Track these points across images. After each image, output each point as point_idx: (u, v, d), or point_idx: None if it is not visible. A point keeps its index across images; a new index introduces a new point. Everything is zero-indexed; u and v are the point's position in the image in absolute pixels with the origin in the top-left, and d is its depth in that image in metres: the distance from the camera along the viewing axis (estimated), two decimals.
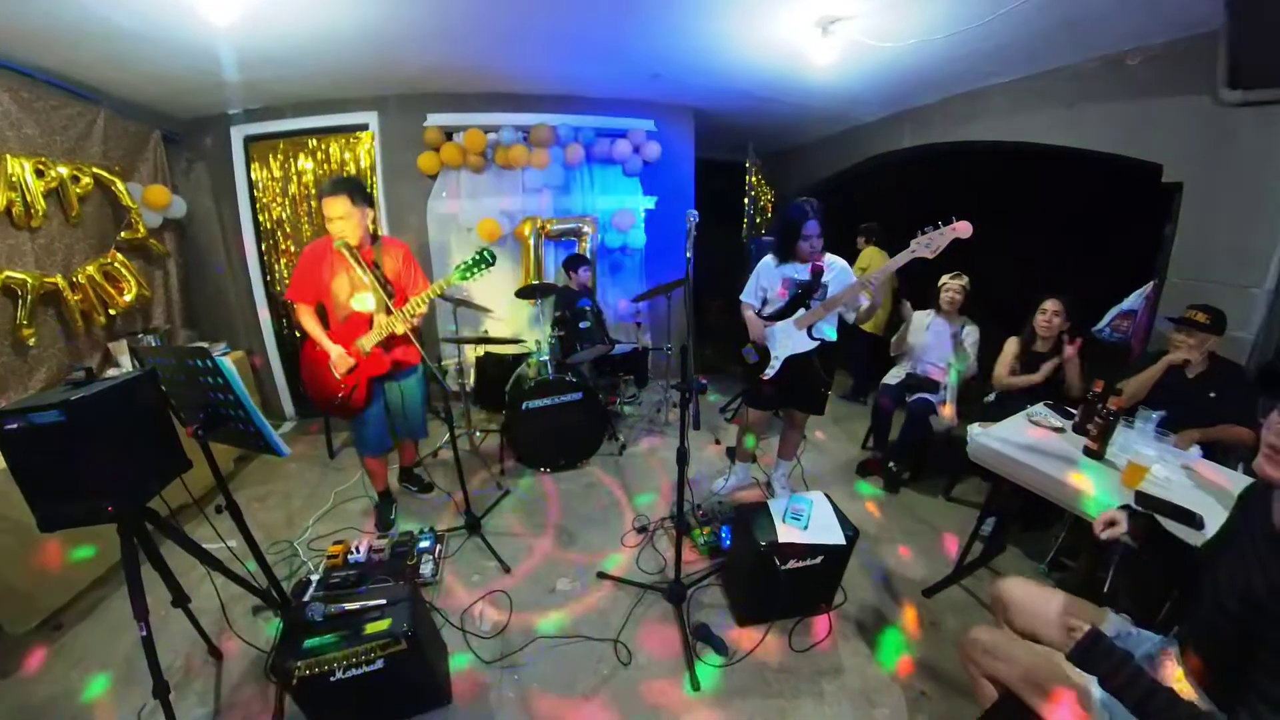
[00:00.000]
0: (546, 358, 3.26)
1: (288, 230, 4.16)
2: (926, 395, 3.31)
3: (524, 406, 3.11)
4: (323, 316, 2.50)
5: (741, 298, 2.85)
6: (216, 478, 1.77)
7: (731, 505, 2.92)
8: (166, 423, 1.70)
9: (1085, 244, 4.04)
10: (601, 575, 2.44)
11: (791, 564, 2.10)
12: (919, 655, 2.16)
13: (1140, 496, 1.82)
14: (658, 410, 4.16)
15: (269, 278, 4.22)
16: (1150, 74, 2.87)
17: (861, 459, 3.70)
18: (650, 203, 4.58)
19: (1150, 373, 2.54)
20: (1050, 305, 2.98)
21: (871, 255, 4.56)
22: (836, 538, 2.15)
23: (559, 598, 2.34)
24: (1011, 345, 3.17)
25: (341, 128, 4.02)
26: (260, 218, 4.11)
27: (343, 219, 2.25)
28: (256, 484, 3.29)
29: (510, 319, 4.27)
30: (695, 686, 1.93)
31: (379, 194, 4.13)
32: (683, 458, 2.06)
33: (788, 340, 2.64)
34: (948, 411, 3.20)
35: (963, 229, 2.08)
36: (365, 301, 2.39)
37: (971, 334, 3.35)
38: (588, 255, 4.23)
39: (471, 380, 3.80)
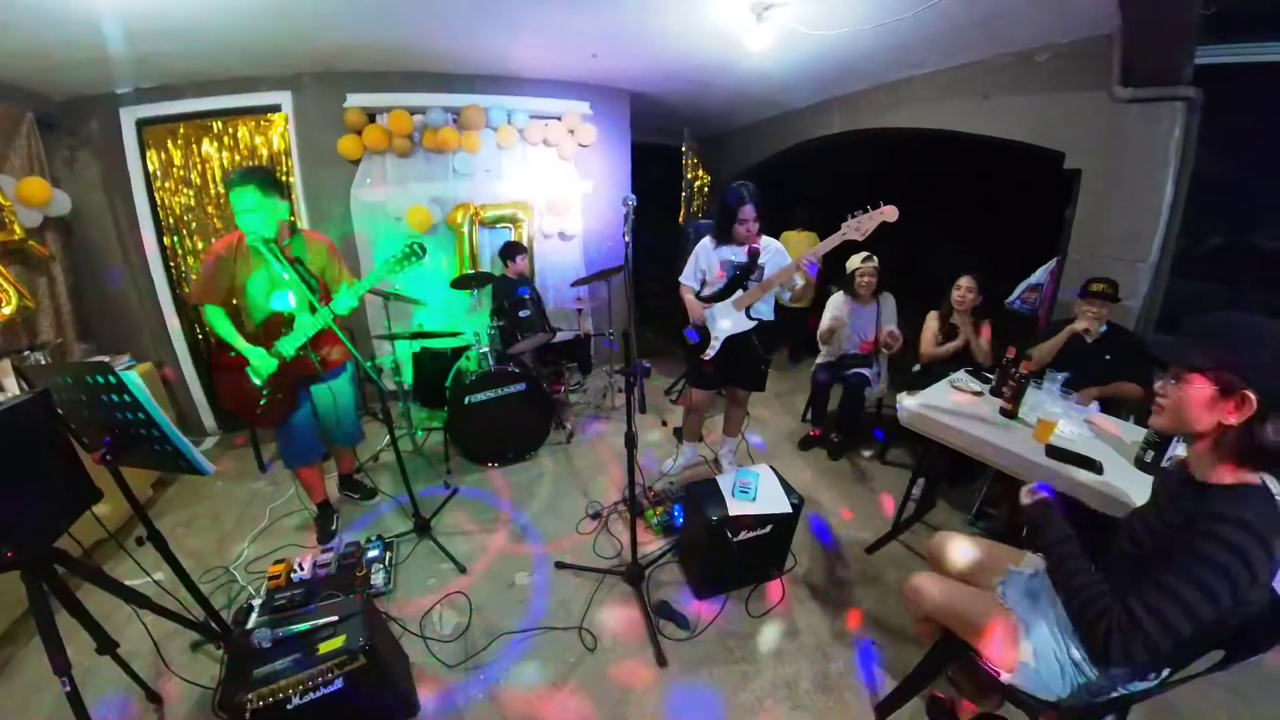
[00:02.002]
0: (487, 349, 3.15)
1: (194, 225, 3.73)
2: (860, 370, 3.51)
3: (466, 401, 3.02)
4: (235, 321, 2.29)
5: (681, 280, 2.89)
6: (133, 506, 1.61)
7: (682, 484, 3.01)
8: (68, 450, 1.52)
9: (997, 224, 4.40)
10: (560, 565, 2.44)
11: (743, 535, 2.21)
12: (866, 608, 2.33)
13: (1050, 449, 2.02)
14: (603, 396, 4.16)
15: (176, 279, 3.77)
16: (1055, 70, 3.14)
17: (803, 432, 3.87)
18: (587, 187, 4.50)
19: (1056, 340, 2.81)
20: (965, 282, 3.24)
21: (798, 239, 4.71)
22: (783, 507, 2.26)
23: (519, 592, 2.32)
24: (932, 320, 3.40)
25: (251, 109, 3.64)
26: (161, 212, 3.66)
27: (252, 212, 2.06)
28: (180, 508, 2.98)
29: (447, 311, 4.10)
30: (662, 662, 1.98)
31: (296, 182, 3.80)
32: (631, 441, 2.08)
33: (727, 321, 2.70)
34: (878, 382, 3.44)
35: (890, 213, 2.18)
36: (286, 300, 2.22)
37: (888, 306, 3.55)
38: (524, 242, 4.12)
39: (408, 377, 3.62)
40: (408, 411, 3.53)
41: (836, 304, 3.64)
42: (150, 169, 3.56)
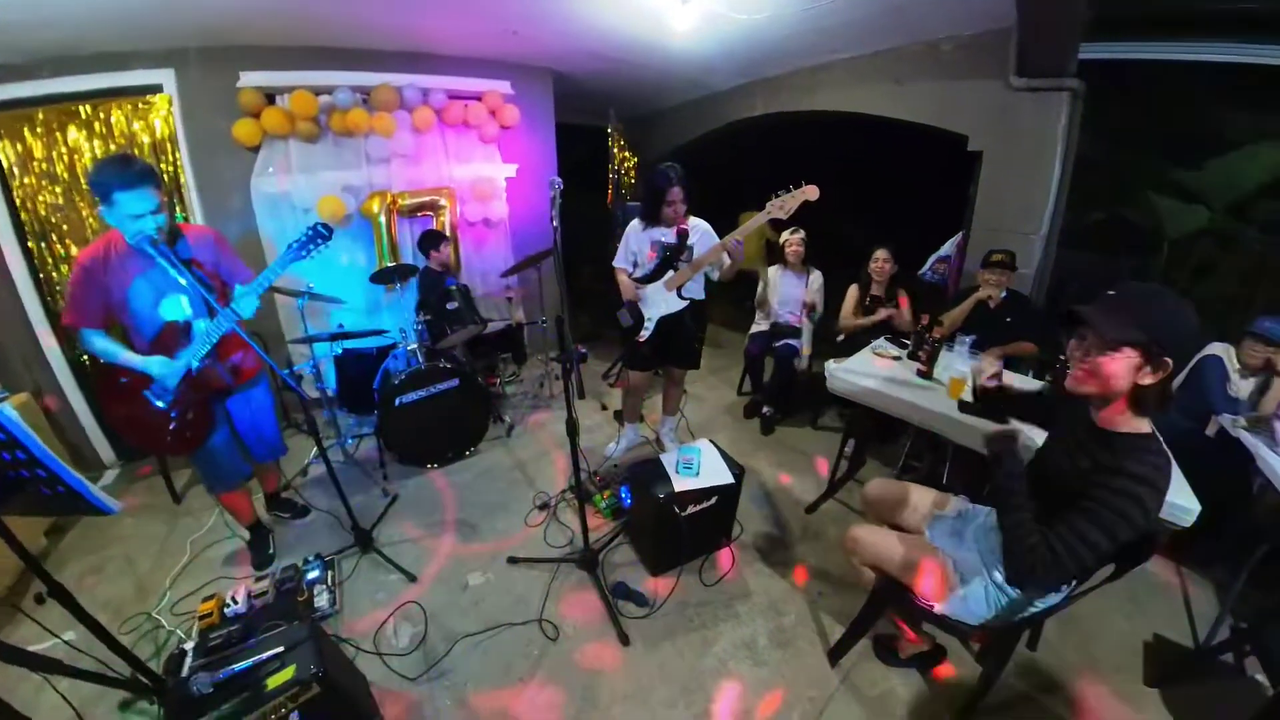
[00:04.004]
0: (415, 346, 3.00)
1: (65, 228, 3.13)
2: (790, 341, 3.69)
3: (397, 402, 2.86)
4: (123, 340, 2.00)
5: (614, 263, 2.90)
6: (25, 561, 1.39)
7: (626, 466, 3.02)
8: None
9: (910, 202, 4.74)
10: (513, 560, 2.41)
11: (690, 509, 2.28)
12: (811, 563, 2.50)
13: (962, 404, 2.23)
14: (540, 385, 4.09)
15: (48, 291, 3.15)
16: (959, 60, 3.40)
17: (740, 404, 4.03)
18: (511, 170, 4.31)
19: (964, 307, 3.12)
20: (881, 254, 3.50)
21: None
22: (726, 478, 2.35)
23: (474, 593, 2.26)
24: (853, 292, 3.64)
25: (125, 90, 3.13)
26: (23, 214, 3.04)
27: (155, 214, 1.80)
28: (85, 554, 2.59)
29: (368, 309, 3.84)
30: (625, 641, 2.03)
31: (185, 173, 3.35)
32: (573, 428, 2.08)
33: (659, 301, 2.73)
34: (807, 351, 3.65)
35: (811, 192, 2.28)
36: (179, 307, 1.98)
37: (816, 279, 3.76)
38: (447, 231, 3.92)
39: (332, 382, 3.37)
40: (334, 419, 3.29)
41: (771, 273, 3.84)
42: (4, 164, 2.96)
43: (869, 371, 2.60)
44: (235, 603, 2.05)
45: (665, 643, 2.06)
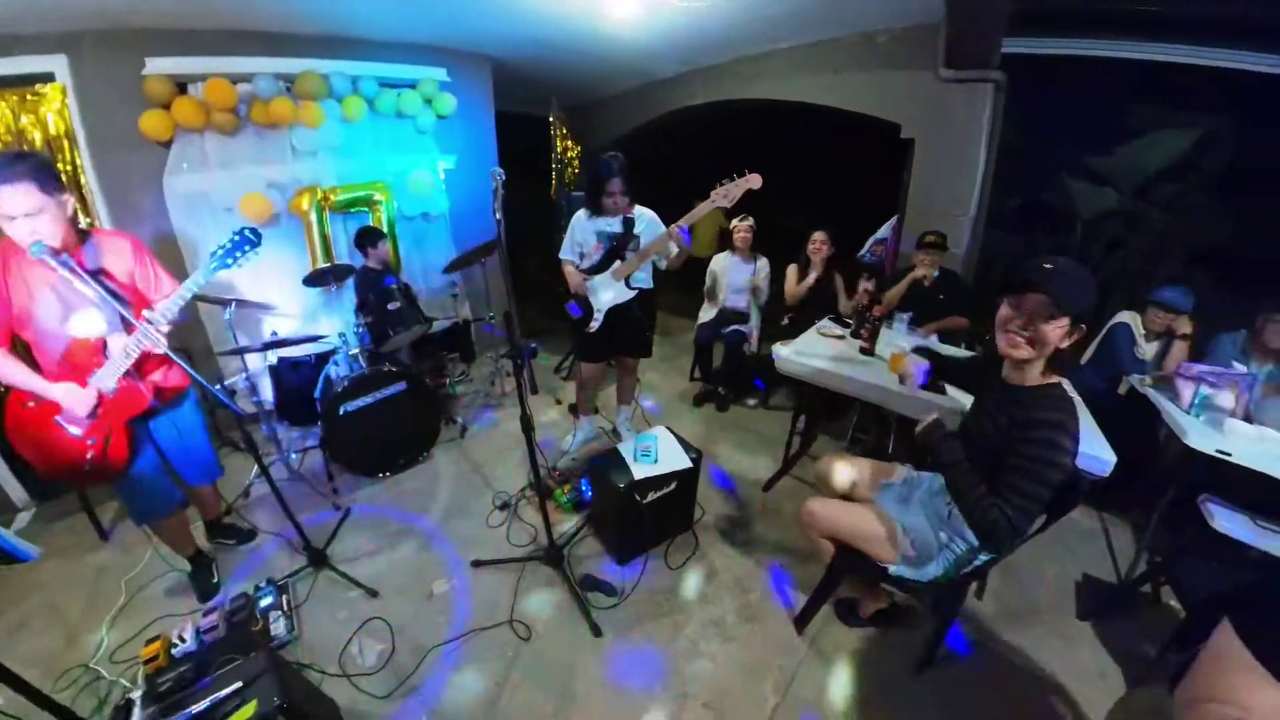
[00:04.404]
0: (356, 350, 2.86)
1: None
2: (738, 326, 3.78)
3: (341, 411, 2.73)
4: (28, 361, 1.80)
5: (560, 255, 2.86)
6: None
7: (584, 459, 3.02)
8: None
9: (849, 187, 4.95)
10: (477, 563, 2.36)
11: (651, 496, 2.31)
12: (771, 538, 2.59)
13: (902, 378, 2.35)
14: (492, 383, 3.99)
15: None
16: (893, 51, 3.56)
17: (693, 391, 4.09)
18: (450, 162, 4.14)
19: (901, 286, 3.32)
20: (818, 236, 3.65)
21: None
22: (683, 463, 2.39)
23: (440, 601, 2.20)
24: (792, 271, 3.79)
25: (9, 79, 2.76)
26: None
27: (31, 216, 1.62)
28: (4, 608, 2.28)
29: (303, 313, 3.60)
30: (597, 633, 2.04)
31: (86, 173, 2.99)
32: (528, 425, 2.06)
33: (608, 292, 2.73)
34: (755, 336, 3.76)
35: (754, 180, 2.32)
36: (90, 323, 1.80)
37: (763, 268, 3.86)
38: (384, 227, 3.74)
39: (269, 395, 3.16)
40: (274, 434, 3.06)
41: (720, 260, 3.89)
42: None
43: (815, 351, 2.70)
44: (183, 641, 1.88)
45: (637, 630, 2.09)
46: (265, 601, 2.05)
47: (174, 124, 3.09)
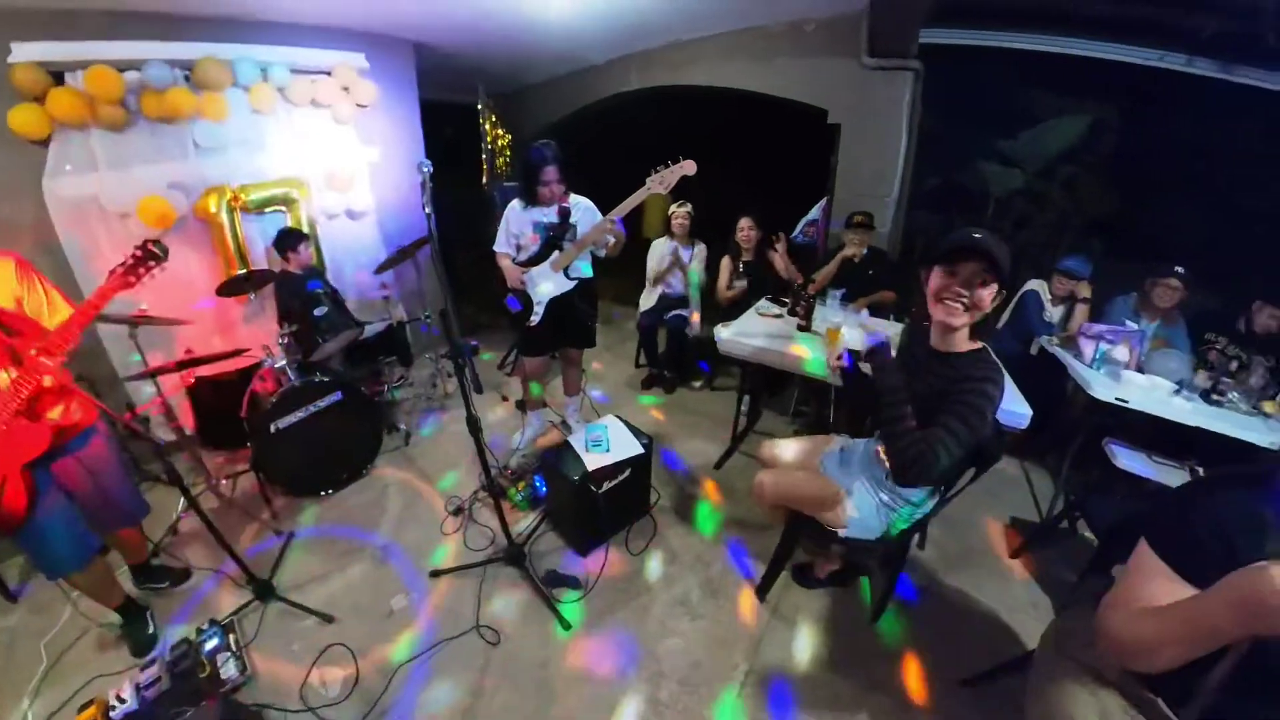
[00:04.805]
0: (283, 362, 2.68)
1: None
2: (679, 311, 3.83)
3: (272, 429, 2.54)
4: None
5: (495, 248, 2.78)
6: None
7: (536, 454, 2.99)
8: None
9: (782, 171, 5.10)
10: (435, 573, 2.29)
11: (606, 485, 2.33)
12: (726, 515, 2.68)
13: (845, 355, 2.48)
14: (433, 385, 3.85)
15: None
16: (820, 39, 3.69)
17: (640, 377, 4.12)
18: (373, 154, 3.88)
19: (833, 264, 3.48)
20: (744, 222, 3.76)
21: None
22: (635, 449, 2.42)
23: (400, 618, 2.12)
24: (726, 264, 3.88)
25: None
26: None
27: None
28: None
29: (220, 326, 3.31)
30: (566, 627, 2.04)
31: None
32: (474, 425, 2.01)
33: (547, 284, 2.69)
34: (696, 319, 3.82)
35: (689, 167, 2.34)
36: None
37: (700, 252, 3.91)
38: (305, 228, 3.47)
39: (188, 418, 2.89)
40: (199, 460, 2.77)
41: (659, 246, 3.93)
42: None
43: (755, 331, 2.79)
44: (122, 701, 1.70)
45: (606, 618, 2.11)
46: (211, 644, 1.88)
47: (51, 119, 2.72)
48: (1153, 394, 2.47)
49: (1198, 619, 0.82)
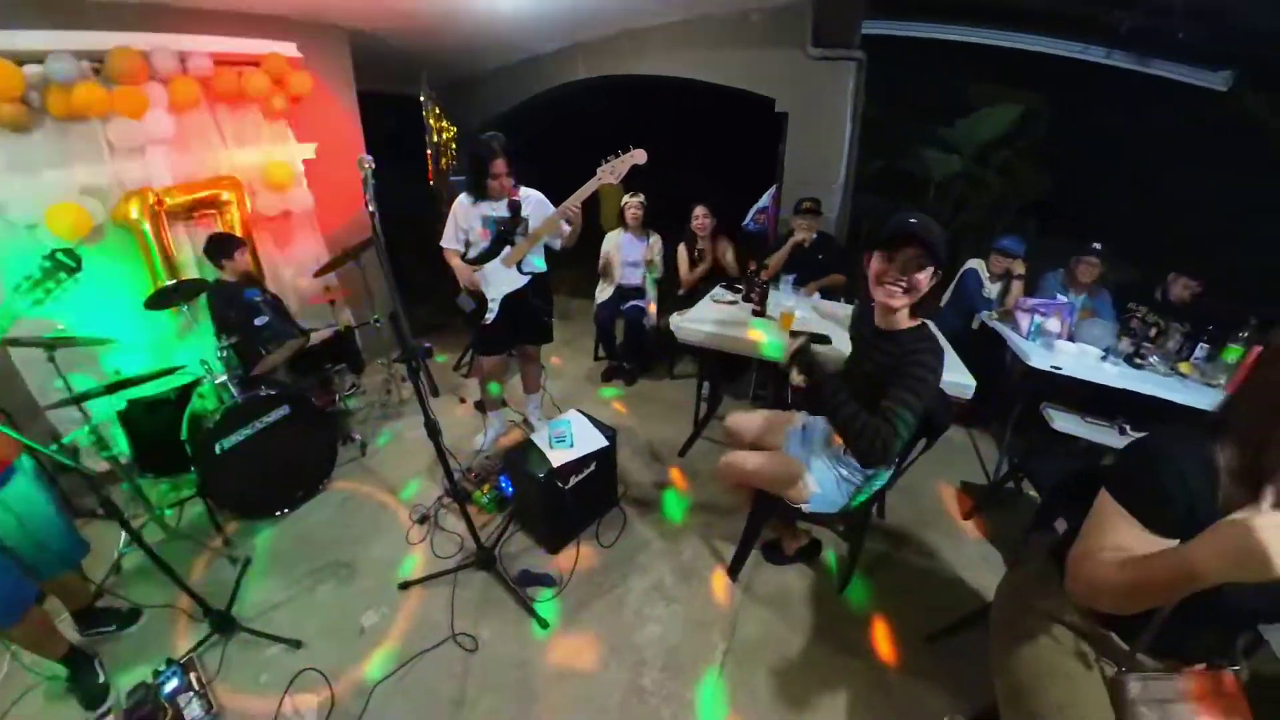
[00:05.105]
0: (224, 377, 2.52)
1: None
2: (636, 302, 3.84)
3: (217, 449, 2.39)
4: None
5: (443, 245, 2.70)
6: None
7: (499, 455, 2.93)
8: None
9: (732, 160, 5.18)
10: (405, 585, 2.22)
11: (573, 480, 2.33)
12: (694, 500, 2.74)
13: (793, 334, 2.53)
14: (387, 391, 3.72)
15: None
16: (765, 29, 3.75)
17: (599, 370, 4.12)
18: (308, 151, 3.65)
19: (784, 250, 3.58)
20: (699, 210, 3.80)
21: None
22: (600, 443, 2.43)
23: (373, 634, 2.05)
24: (683, 252, 3.93)
25: None
26: None
27: None
28: None
29: (151, 343, 3.04)
30: (544, 626, 2.04)
31: None
32: (433, 430, 1.96)
33: (500, 280, 2.64)
34: (653, 309, 3.84)
35: (639, 156, 2.34)
36: None
37: (656, 243, 3.92)
38: (239, 232, 3.25)
39: (124, 446, 2.66)
40: (139, 491, 2.53)
41: (613, 237, 3.91)
42: None
43: (711, 318, 2.83)
44: None
45: (583, 613, 2.12)
46: (170, 686, 1.75)
47: None
48: (1083, 361, 2.68)
49: (1182, 568, 0.86)
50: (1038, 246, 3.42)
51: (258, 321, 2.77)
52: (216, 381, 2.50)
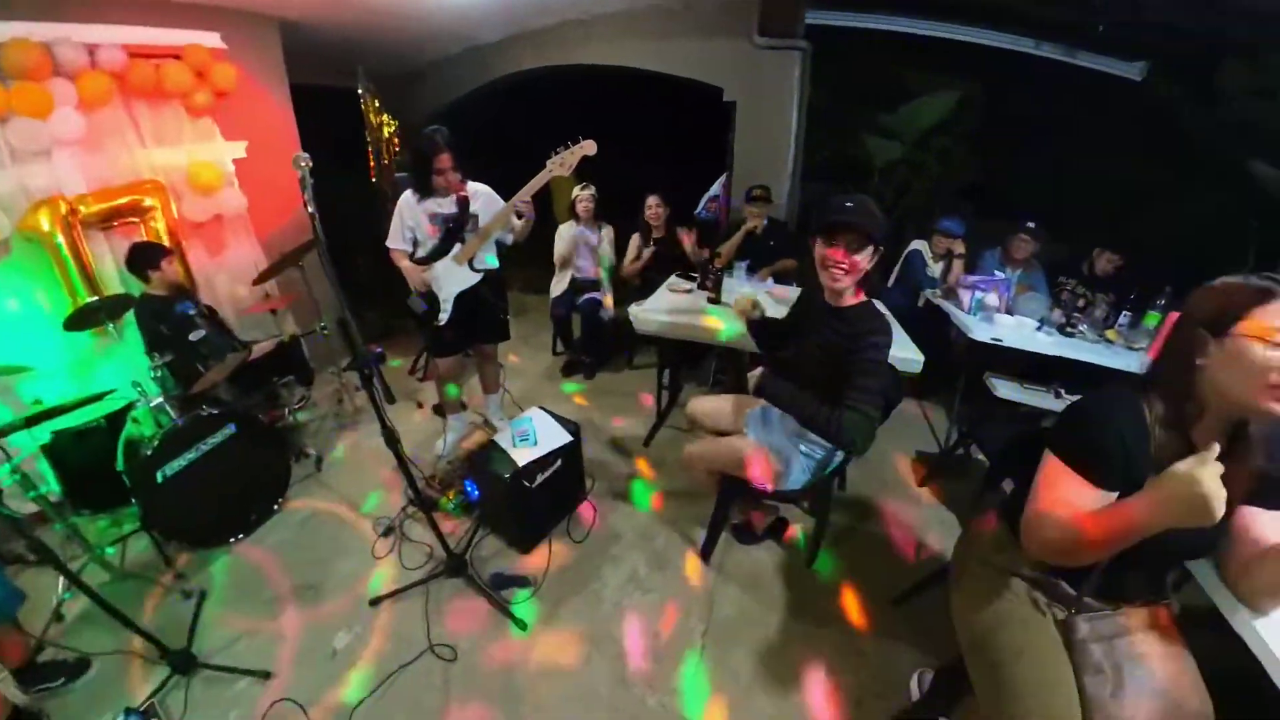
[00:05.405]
0: (160, 400, 2.36)
1: None
2: (592, 295, 3.83)
3: (159, 477, 2.23)
4: None
5: (389, 245, 2.61)
6: None
7: (463, 458, 2.85)
8: None
9: (683, 149, 5.19)
10: (375, 601, 2.15)
11: (539, 478, 2.32)
12: (661, 488, 2.78)
13: (749, 324, 2.60)
14: (339, 402, 3.56)
15: None
16: (713, 19, 3.79)
17: (558, 365, 4.10)
18: (238, 149, 3.41)
19: (736, 238, 3.66)
20: (652, 200, 3.81)
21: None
22: (564, 438, 2.43)
23: (346, 656, 1.97)
24: (635, 240, 3.92)
25: None
26: None
27: None
28: None
29: (73, 367, 2.78)
30: (523, 627, 2.03)
31: None
32: (392, 438, 1.89)
33: (452, 279, 2.58)
34: (609, 301, 3.83)
35: (589, 147, 2.31)
36: None
37: (607, 234, 3.90)
38: (166, 240, 3.02)
39: (52, 482, 2.43)
40: (74, 530, 2.30)
41: (566, 230, 3.87)
42: None
43: (668, 306, 2.86)
44: None
45: (561, 610, 2.12)
46: None
47: None
48: (1020, 332, 2.88)
49: (1130, 519, 0.95)
50: (975, 227, 3.61)
51: (193, 336, 2.60)
52: (152, 404, 2.34)
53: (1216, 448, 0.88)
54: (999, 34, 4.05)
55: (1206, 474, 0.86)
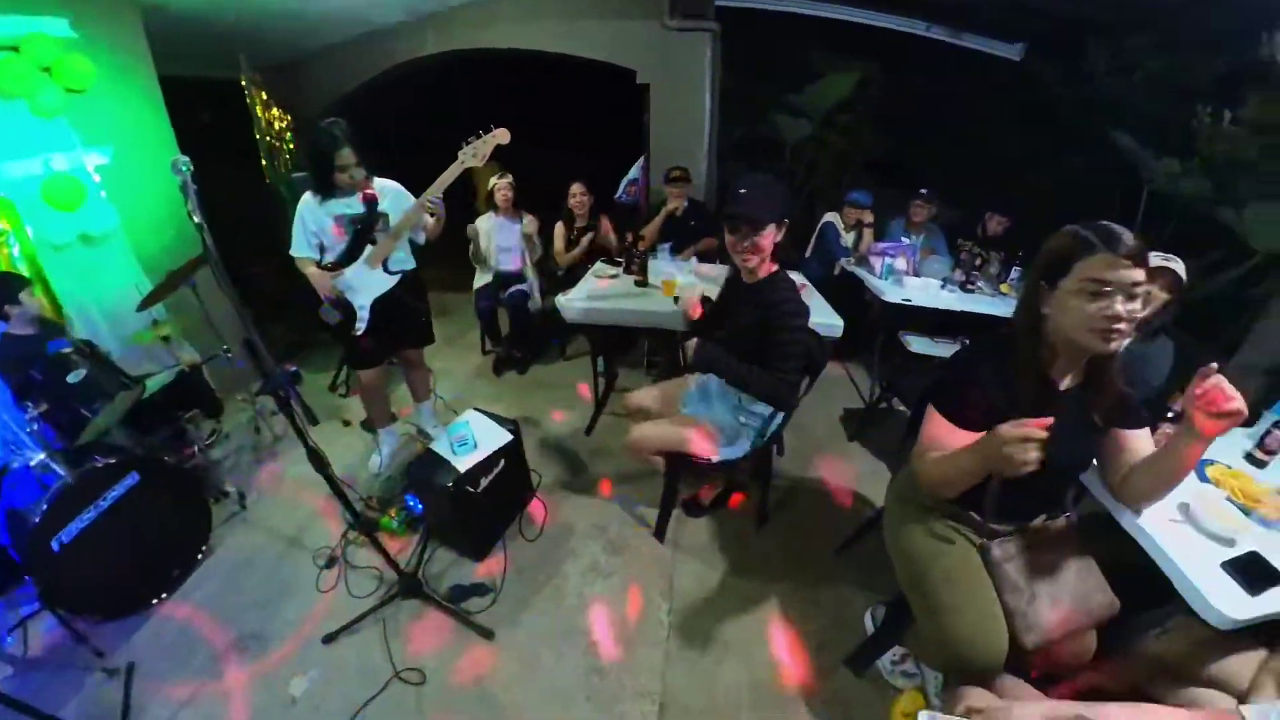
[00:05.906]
0: (42, 456, 2.08)
1: None
2: (518, 287, 3.75)
3: (55, 546, 1.98)
4: None
5: (293, 253, 2.43)
6: None
7: (401, 473, 2.77)
8: None
9: (599, 133, 5.17)
10: (329, 638, 2.02)
11: (483, 482, 2.28)
12: (609, 474, 2.82)
13: (676, 300, 2.67)
14: (256, 430, 3.27)
15: None
16: (623, 1, 3.76)
17: (489, 363, 4.01)
18: (103, 155, 2.98)
19: (658, 220, 3.73)
20: (576, 188, 3.78)
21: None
22: (504, 438, 2.40)
23: (307, 700, 1.85)
24: (560, 229, 3.90)
25: None
26: None
27: None
28: None
29: None
30: (488, 636, 2.00)
31: None
32: (319, 462, 1.78)
33: (366, 284, 2.42)
34: (537, 293, 3.79)
35: (502, 135, 2.24)
36: None
37: (530, 224, 3.81)
38: (20, 269, 2.66)
39: None
40: None
41: (484, 222, 3.77)
42: None
43: (596, 294, 2.87)
44: None
45: (524, 613, 2.10)
46: None
47: None
48: (927, 292, 3.17)
49: (968, 462, 1.18)
50: (880, 198, 3.88)
51: (71, 378, 2.29)
52: (32, 463, 2.07)
53: (1036, 422, 1.03)
54: (892, 17, 4.35)
55: (1013, 437, 1.03)
